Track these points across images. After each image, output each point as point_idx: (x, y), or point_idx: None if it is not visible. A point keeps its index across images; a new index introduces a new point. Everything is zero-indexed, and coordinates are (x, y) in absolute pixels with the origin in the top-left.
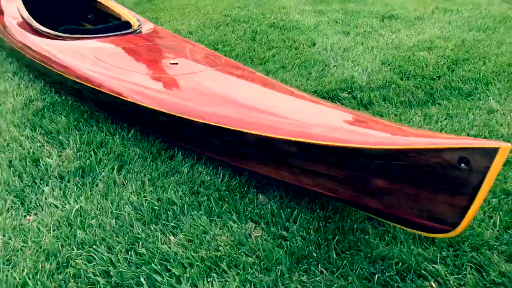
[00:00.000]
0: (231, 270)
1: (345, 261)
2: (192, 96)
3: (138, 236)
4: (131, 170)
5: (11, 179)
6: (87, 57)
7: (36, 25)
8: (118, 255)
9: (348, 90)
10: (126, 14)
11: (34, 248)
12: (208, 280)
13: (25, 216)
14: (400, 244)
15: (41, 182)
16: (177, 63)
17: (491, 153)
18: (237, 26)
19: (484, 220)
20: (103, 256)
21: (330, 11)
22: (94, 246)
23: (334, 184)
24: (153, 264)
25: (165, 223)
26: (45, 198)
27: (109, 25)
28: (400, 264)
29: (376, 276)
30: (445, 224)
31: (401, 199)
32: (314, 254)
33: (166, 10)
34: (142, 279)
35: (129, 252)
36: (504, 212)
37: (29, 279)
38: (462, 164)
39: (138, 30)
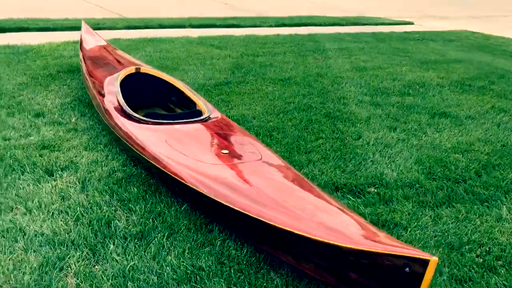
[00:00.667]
0: None
1: None
2: (230, 183)
3: None
4: (177, 238)
5: (89, 235)
6: (160, 141)
7: (128, 110)
8: None
9: (376, 185)
10: (199, 102)
11: None
12: None
13: (94, 266)
14: None
15: (110, 240)
16: (228, 153)
17: (425, 263)
18: (295, 114)
19: None
20: None
21: (387, 104)
22: None
23: (323, 272)
24: None
25: (193, 285)
26: (110, 253)
27: (184, 112)
28: None
29: None
30: None
31: None
32: None
33: (239, 94)
34: None
35: None
36: None
37: None
38: (407, 268)
39: (207, 118)
